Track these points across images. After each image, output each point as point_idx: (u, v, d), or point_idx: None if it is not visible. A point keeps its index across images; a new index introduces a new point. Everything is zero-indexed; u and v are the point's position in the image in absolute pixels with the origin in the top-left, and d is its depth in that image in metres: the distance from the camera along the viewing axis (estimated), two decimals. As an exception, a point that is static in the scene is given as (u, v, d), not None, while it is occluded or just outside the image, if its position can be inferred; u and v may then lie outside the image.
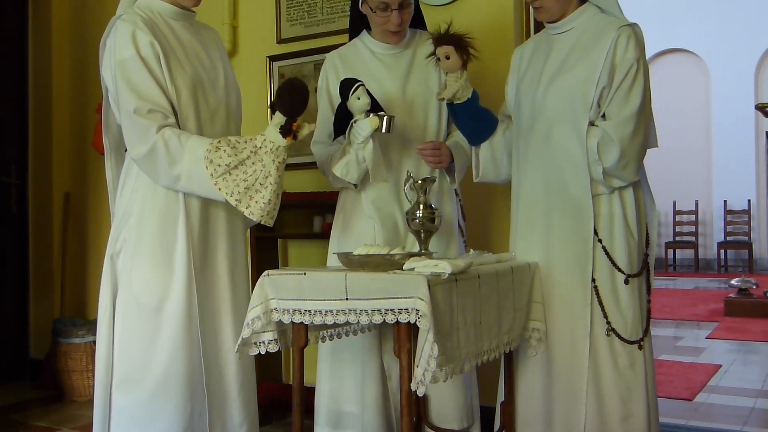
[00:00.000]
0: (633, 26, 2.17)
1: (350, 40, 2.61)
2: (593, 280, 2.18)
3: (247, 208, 2.03)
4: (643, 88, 2.14)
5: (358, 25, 2.57)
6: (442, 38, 2.23)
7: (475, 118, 2.36)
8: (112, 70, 2.12)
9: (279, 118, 2.02)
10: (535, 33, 3.10)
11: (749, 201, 11.86)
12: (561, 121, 2.20)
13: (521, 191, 2.33)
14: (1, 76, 4.27)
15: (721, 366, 4.63)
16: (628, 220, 2.20)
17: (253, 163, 2.02)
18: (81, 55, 4.34)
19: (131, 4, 2.22)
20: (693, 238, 12.04)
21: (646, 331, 2.21)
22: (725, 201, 11.97)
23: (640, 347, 2.18)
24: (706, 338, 5.78)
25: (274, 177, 2.02)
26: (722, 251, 11.71)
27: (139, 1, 2.22)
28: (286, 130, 2.01)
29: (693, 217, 12.16)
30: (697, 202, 12.11)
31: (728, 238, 11.81)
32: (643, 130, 2.16)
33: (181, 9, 2.25)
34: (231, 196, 2.03)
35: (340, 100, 2.29)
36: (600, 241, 2.18)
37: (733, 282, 7.31)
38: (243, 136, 2.09)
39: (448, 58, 2.22)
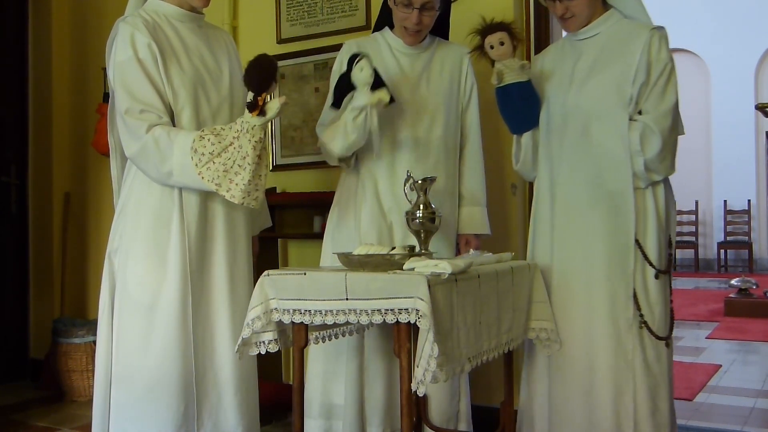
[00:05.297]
0: (662, 29, 2.24)
1: (373, 32, 2.62)
2: None
3: (228, 191, 2.03)
4: (676, 88, 2.21)
5: (383, 20, 2.58)
6: (494, 27, 2.26)
7: (527, 101, 2.33)
8: (112, 72, 2.16)
9: (249, 95, 2.01)
10: (535, 33, 3.12)
11: (749, 201, 11.86)
12: (598, 118, 2.24)
13: (556, 191, 2.33)
14: (1, 76, 4.27)
15: (721, 366, 4.64)
16: (659, 215, 2.26)
17: (234, 147, 2.02)
18: (81, 55, 4.33)
19: (138, 6, 2.25)
20: (693, 238, 12.05)
21: (671, 329, 2.26)
22: (725, 201, 11.97)
23: (667, 344, 2.24)
24: (706, 338, 5.78)
25: (251, 157, 2.01)
26: (722, 251, 11.72)
27: (147, 3, 2.25)
28: (252, 105, 2.00)
29: (693, 217, 12.16)
30: (697, 202, 12.11)
31: (728, 238, 11.81)
32: (678, 126, 2.23)
33: (188, 11, 2.27)
34: (212, 181, 2.03)
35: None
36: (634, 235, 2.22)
37: (733, 282, 7.32)
38: (229, 124, 2.08)
39: (502, 44, 2.24)
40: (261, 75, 1.99)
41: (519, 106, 2.35)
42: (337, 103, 2.34)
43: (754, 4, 11.49)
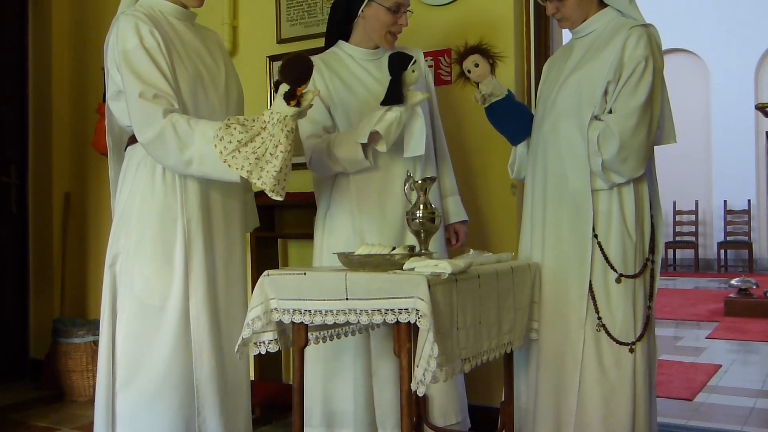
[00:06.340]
0: (647, 27, 2.21)
1: (326, 47, 2.63)
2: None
3: (258, 179, 1.97)
4: (651, 86, 2.16)
5: (335, 34, 2.61)
6: (466, 51, 2.34)
7: (513, 115, 2.41)
8: (116, 62, 2.12)
9: (284, 87, 2.01)
10: (535, 34, 3.12)
11: (749, 201, 11.86)
12: (567, 116, 2.24)
13: (535, 188, 2.37)
14: (1, 76, 4.27)
15: (721, 366, 4.63)
16: (626, 218, 2.21)
17: (262, 137, 1.98)
18: (81, 55, 4.34)
19: (132, 3, 2.24)
20: (693, 238, 12.04)
21: (641, 337, 2.20)
22: (725, 201, 11.97)
23: (631, 350, 2.18)
24: (706, 338, 5.78)
25: (284, 145, 1.97)
26: (722, 251, 11.71)
27: (140, 0, 2.23)
28: (291, 95, 1.99)
29: (693, 217, 12.16)
30: (697, 202, 12.12)
31: (728, 238, 11.81)
32: (647, 126, 2.17)
33: (183, 8, 2.26)
34: (241, 169, 1.97)
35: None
36: (596, 236, 2.20)
37: (733, 282, 7.31)
38: (251, 116, 2.06)
39: (477, 66, 2.32)
40: (299, 68, 1.99)
41: (505, 122, 2.42)
42: (391, 101, 2.33)
43: (754, 4, 11.49)
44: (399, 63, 2.28)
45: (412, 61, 2.28)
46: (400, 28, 2.49)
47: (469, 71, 2.35)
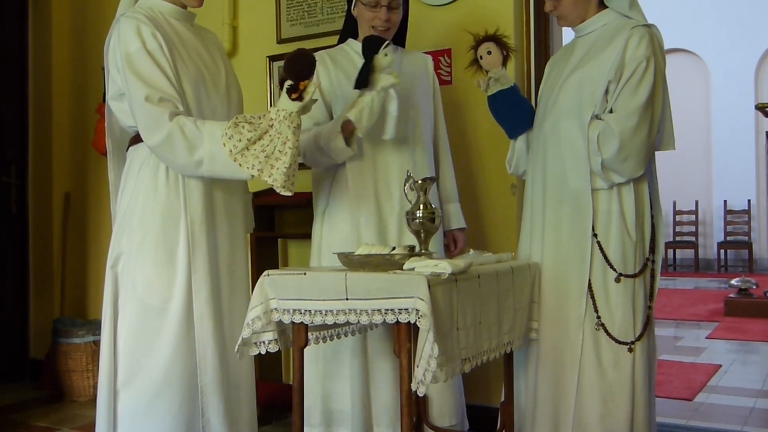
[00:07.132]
0: (649, 27, 2.21)
1: (338, 44, 2.67)
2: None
3: (269, 176, 2.00)
4: (652, 86, 2.16)
5: (346, 32, 2.65)
6: (483, 39, 2.35)
7: (515, 107, 2.41)
8: (118, 65, 2.13)
9: (288, 83, 2.02)
10: (535, 34, 3.12)
11: (749, 201, 11.86)
12: (567, 115, 2.24)
13: (535, 187, 2.37)
14: (1, 76, 4.27)
15: (721, 366, 4.63)
16: (625, 218, 2.21)
17: (270, 135, 2.01)
18: (81, 55, 4.34)
19: (132, 4, 2.24)
20: (693, 238, 12.05)
21: (641, 336, 2.20)
22: (725, 201, 11.97)
23: (630, 350, 2.18)
24: (706, 338, 5.78)
25: (292, 142, 2.00)
26: (722, 251, 11.72)
27: (141, 1, 2.23)
28: (293, 89, 2.00)
29: (693, 217, 12.17)
30: (697, 202, 12.12)
31: (728, 238, 11.81)
32: (648, 126, 2.17)
33: (182, 8, 2.26)
34: (252, 168, 2.00)
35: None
36: (596, 236, 2.20)
37: (733, 282, 7.31)
38: (257, 113, 2.07)
39: (489, 53, 2.33)
40: (301, 63, 2.00)
41: (507, 113, 2.42)
42: (360, 86, 2.34)
43: (754, 4, 11.50)
44: (371, 46, 2.29)
45: (384, 44, 2.28)
46: (381, 23, 2.49)
47: (481, 57, 2.36)
